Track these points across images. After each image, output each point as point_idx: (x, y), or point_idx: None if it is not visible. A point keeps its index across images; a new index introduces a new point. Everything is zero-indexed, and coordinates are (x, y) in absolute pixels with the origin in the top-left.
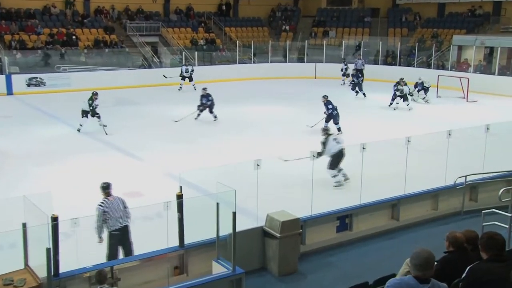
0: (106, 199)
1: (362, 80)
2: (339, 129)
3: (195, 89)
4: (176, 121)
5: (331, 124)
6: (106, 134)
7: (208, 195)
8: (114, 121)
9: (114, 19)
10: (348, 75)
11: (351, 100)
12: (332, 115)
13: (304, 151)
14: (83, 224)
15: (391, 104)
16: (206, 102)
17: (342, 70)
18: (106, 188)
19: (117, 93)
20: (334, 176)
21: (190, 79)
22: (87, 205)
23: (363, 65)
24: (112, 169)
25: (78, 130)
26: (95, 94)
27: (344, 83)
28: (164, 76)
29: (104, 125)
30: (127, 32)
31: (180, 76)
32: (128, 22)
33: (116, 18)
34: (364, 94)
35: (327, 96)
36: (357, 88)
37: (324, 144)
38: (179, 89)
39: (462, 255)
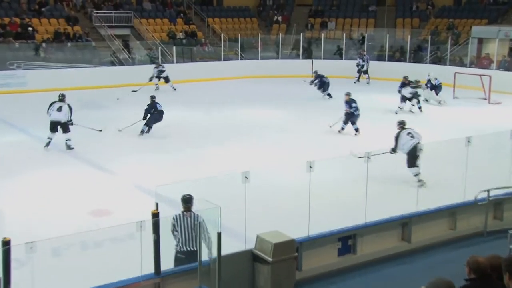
0: (182, 213)
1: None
2: (356, 130)
3: (175, 89)
4: (120, 131)
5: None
6: (101, 130)
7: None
8: (78, 127)
9: (77, 8)
10: (365, 72)
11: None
12: (353, 114)
13: (299, 161)
14: (41, 249)
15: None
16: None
17: (358, 65)
18: (186, 201)
19: (82, 94)
20: (416, 175)
21: (166, 80)
22: (46, 226)
23: (367, 61)
24: (76, 183)
25: (70, 147)
26: (63, 96)
27: (358, 81)
28: (133, 91)
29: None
30: (93, 23)
31: (152, 78)
32: (95, 11)
33: (80, 6)
34: (329, 94)
35: (351, 94)
36: (322, 88)
37: (396, 138)
38: (155, 89)
39: (485, 284)
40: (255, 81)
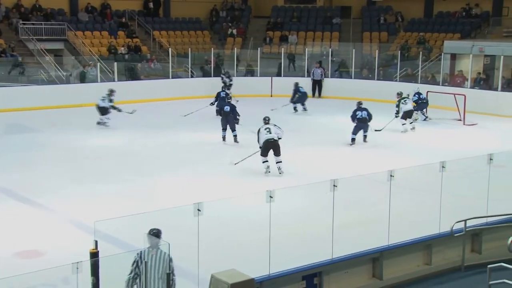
0: (147, 249)
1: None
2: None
3: None
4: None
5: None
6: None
7: (133, 251)
8: (2, 154)
9: (0, 18)
10: (230, 87)
11: (313, 123)
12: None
13: (258, 191)
14: None
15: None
16: None
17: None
18: (153, 236)
19: (7, 117)
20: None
21: None
22: None
23: (322, 75)
24: None
25: None
26: None
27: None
28: None
29: None
30: (19, 36)
31: None
32: (21, 22)
33: (4, 16)
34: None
35: (362, 102)
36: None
37: (258, 133)
38: None
39: None
40: (208, 101)
